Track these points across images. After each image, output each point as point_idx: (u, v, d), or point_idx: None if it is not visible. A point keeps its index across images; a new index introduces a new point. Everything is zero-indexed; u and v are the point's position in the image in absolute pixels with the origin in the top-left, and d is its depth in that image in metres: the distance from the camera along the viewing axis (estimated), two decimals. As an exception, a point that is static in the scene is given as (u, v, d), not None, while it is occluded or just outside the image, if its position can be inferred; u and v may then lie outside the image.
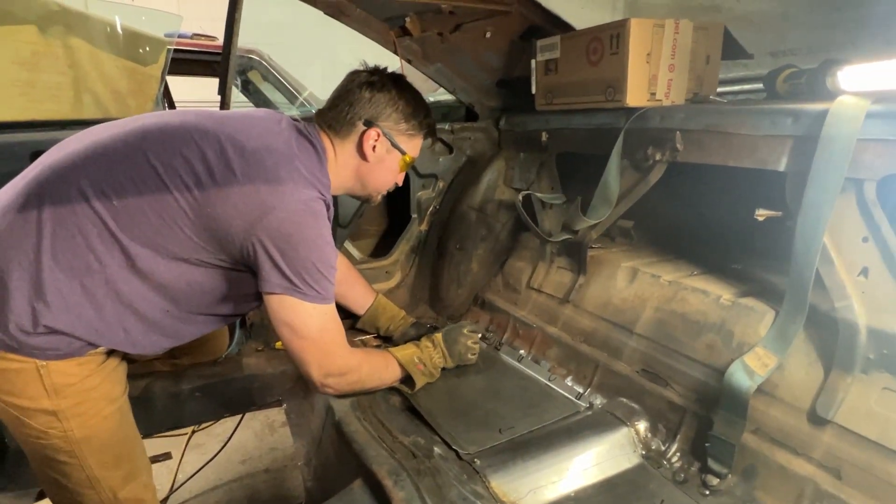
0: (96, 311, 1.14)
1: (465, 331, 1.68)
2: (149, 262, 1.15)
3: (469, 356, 1.65)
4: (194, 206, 1.14)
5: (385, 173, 1.47)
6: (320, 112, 1.43)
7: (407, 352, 1.56)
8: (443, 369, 1.62)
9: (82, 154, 1.15)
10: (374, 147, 1.39)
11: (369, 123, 1.38)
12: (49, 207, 1.09)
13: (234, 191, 1.16)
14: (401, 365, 1.51)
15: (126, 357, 1.31)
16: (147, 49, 2.23)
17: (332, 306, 1.30)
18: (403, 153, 1.45)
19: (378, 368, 1.48)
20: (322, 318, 1.27)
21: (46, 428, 1.16)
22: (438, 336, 1.66)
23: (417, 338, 1.86)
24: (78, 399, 1.17)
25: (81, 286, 1.11)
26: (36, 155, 1.64)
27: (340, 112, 1.38)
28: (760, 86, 1.67)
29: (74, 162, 1.14)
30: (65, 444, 1.17)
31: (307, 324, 1.25)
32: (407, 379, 1.53)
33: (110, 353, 1.24)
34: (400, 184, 1.56)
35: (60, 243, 1.09)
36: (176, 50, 2.33)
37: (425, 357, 1.57)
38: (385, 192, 1.55)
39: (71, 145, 1.19)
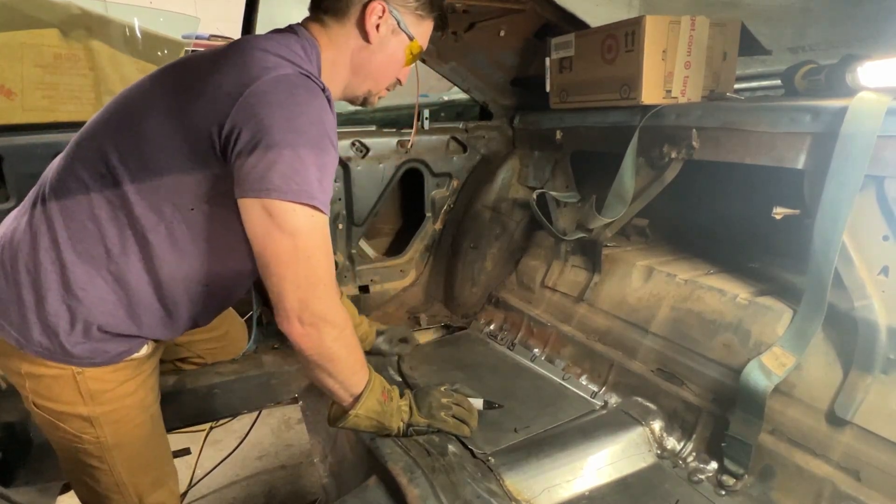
0: (125, 294, 1.13)
1: (441, 388, 1.41)
2: (153, 223, 1.10)
3: (442, 415, 1.33)
4: (175, 121, 1.05)
5: (388, 62, 1.24)
6: (312, 3, 1.22)
7: (380, 378, 1.29)
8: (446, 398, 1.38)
9: (72, 145, 1.16)
10: (378, 26, 1.17)
11: None
12: (55, 201, 1.10)
13: (204, 82, 1.05)
14: (367, 382, 1.23)
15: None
16: (165, 50, 2.27)
17: (322, 219, 1.05)
18: (411, 38, 1.22)
19: (357, 353, 1.20)
20: (309, 219, 1.02)
21: (80, 433, 1.16)
22: (409, 391, 1.40)
23: (389, 350, 1.80)
24: (113, 406, 1.17)
25: (107, 272, 1.10)
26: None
27: None
28: (779, 82, 1.65)
29: (68, 154, 1.15)
30: (96, 449, 1.18)
31: (296, 224, 1.01)
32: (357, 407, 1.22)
33: (144, 360, 1.23)
34: (403, 82, 1.33)
35: (75, 234, 1.09)
36: (193, 51, 2.36)
37: (394, 393, 1.31)
38: (385, 91, 1.33)
39: (68, 145, 1.19)
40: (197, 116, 1.03)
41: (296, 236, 1.02)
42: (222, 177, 1.05)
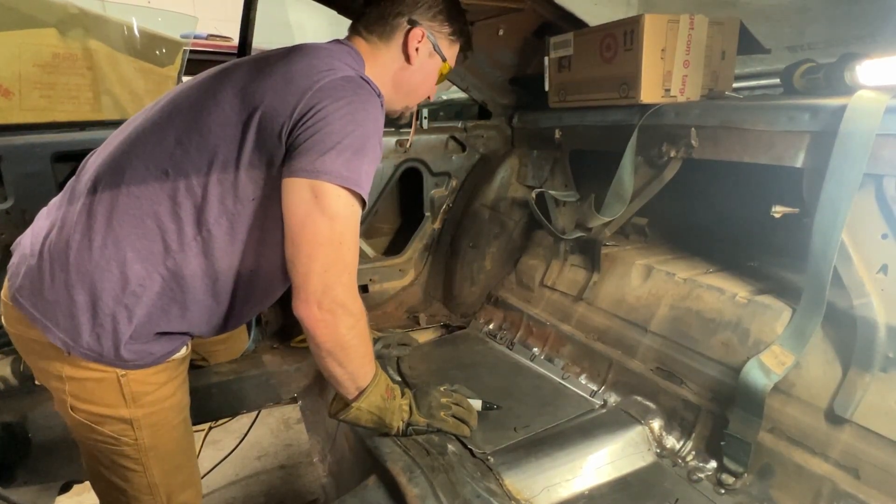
0: (179, 289, 1.12)
1: (441, 388, 1.41)
2: (216, 216, 1.11)
3: (442, 414, 1.34)
4: (244, 114, 1.10)
5: (423, 81, 1.37)
6: (355, 19, 1.34)
7: (385, 375, 1.30)
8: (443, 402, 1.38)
9: (126, 141, 1.15)
10: (418, 49, 1.30)
11: (414, 22, 1.28)
12: (108, 199, 1.08)
13: (274, 77, 1.12)
14: (374, 376, 1.23)
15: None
16: (163, 50, 2.26)
17: (359, 211, 1.12)
18: (444, 59, 1.35)
19: (368, 345, 1.21)
20: (350, 207, 1.09)
21: (119, 435, 1.16)
22: (408, 391, 1.39)
23: (389, 354, 1.80)
24: (153, 408, 1.17)
25: (164, 268, 1.10)
26: (57, 156, 1.68)
27: (382, 11, 1.29)
28: (777, 81, 1.65)
29: (122, 150, 1.13)
30: (134, 451, 1.18)
31: (337, 208, 1.07)
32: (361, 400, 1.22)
33: (181, 361, 1.23)
34: (432, 97, 1.47)
35: (133, 231, 1.08)
36: (192, 51, 2.36)
37: (396, 392, 1.31)
38: (415, 106, 1.46)
39: (115, 140, 1.18)
40: (268, 110, 1.08)
41: (334, 220, 1.07)
42: (267, 162, 1.10)
